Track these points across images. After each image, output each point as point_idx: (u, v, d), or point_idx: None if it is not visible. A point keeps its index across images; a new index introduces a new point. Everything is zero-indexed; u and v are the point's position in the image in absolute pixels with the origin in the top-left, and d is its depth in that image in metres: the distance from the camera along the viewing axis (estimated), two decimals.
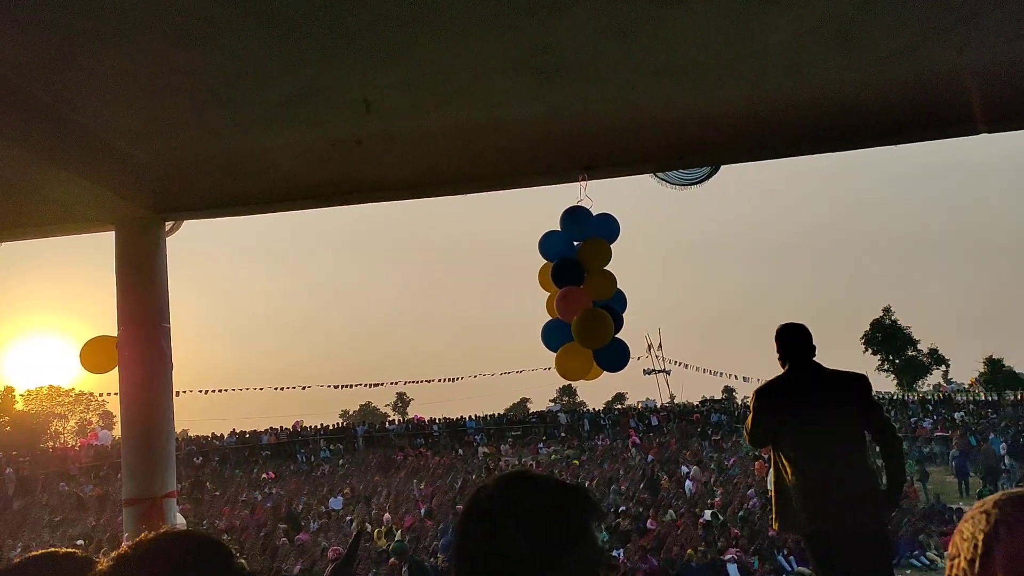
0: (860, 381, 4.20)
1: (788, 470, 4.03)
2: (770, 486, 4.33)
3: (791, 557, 16.66)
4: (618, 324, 4.05)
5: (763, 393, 4.18)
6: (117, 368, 4.00)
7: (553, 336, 4.16)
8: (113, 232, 4.09)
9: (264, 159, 3.90)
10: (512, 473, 1.43)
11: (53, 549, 1.67)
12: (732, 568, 15.08)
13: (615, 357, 4.04)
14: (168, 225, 4.18)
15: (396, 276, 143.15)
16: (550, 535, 1.26)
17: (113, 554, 1.24)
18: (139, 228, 4.02)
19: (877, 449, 4.22)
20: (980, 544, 1.13)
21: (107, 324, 4.32)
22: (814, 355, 4.16)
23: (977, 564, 1.12)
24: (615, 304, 4.15)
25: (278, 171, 3.97)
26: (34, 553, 1.67)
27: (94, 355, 4.14)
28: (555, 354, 4.10)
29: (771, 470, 4.22)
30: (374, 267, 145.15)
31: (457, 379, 47.42)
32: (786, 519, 4.08)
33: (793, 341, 4.16)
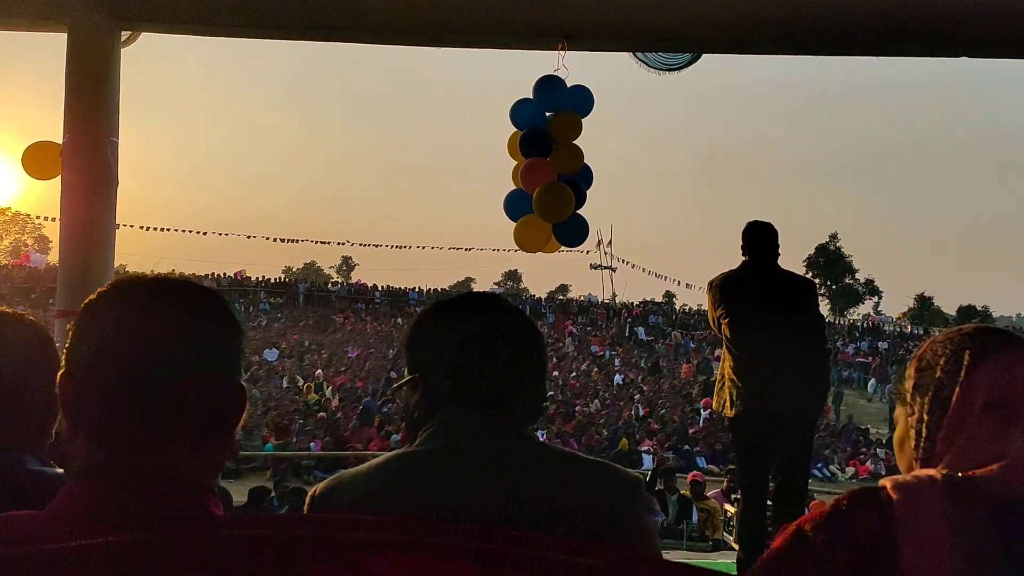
0: (811, 285, 4.51)
1: (732, 355, 4.19)
2: (717, 370, 4.54)
3: (703, 455, 17.54)
4: (580, 199, 4.02)
5: (715, 284, 4.31)
6: (60, 177, 3.87)
7: (515, 206, 4.13)
8: (65, 35, 3.87)
9: None
10: (480, 294, 1.39)
11: None
12: (647, 458, 15.77)
13: (574, 232, 4.03)
14: (125, 35, 3.98)
15: (357, 133, 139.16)
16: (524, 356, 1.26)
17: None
18: (93, 33, 3.81)
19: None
20: (963, 367, 1.12)
21: (49, 137, 4.13)
22: (776, 255, 4.28)
23: (956, 388, 1.12)
24: (580, 179, 4.11)
25: None
26: None
27: (37, 159, 3.99)
28: (514, 224, 4.08)
29: (722, 353, 4.40)
30: (336, 121, 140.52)
31: (405, 247, 46.75)
32: (721, 400, 4.27)
33: (760, 237, 4.27)
